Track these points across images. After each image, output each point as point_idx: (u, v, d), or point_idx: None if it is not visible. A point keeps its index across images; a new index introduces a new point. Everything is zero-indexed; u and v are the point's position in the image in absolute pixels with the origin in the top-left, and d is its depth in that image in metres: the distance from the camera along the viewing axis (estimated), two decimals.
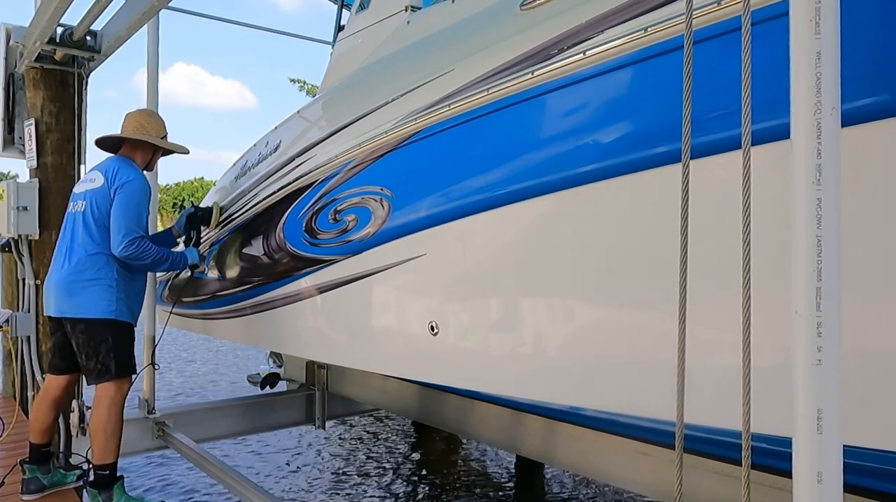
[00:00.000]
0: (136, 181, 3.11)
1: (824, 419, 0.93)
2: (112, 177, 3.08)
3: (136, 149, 3.29)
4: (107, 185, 3.07)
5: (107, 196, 3.05)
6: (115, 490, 3.06)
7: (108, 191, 3.06)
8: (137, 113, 3.39)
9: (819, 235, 0.94)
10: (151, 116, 3.41)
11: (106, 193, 3.06)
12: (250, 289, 3.73)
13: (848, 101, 1.01)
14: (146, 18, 3.50)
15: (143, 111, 3.45)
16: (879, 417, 1.43)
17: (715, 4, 1.56)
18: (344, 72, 3.36)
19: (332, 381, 5.08)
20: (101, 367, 3.02)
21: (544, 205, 2.05)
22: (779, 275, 1.09)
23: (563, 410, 3.03)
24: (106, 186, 3.07)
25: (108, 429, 3.01)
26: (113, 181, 3.07)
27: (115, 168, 3.12)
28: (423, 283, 2.58)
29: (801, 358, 0.95)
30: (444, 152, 2.41)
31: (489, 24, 2.39)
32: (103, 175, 3.11)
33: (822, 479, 0.93)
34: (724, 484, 2.39)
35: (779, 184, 1.08)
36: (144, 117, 3.36)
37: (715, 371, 1.67)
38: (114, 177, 3.08)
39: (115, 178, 3.07)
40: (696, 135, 1.30)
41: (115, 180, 3.07)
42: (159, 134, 3.36)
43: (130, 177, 3.10)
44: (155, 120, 3.39)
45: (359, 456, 6.20)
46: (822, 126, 0.94)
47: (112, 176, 3.08)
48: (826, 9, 0.94)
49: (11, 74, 4.23)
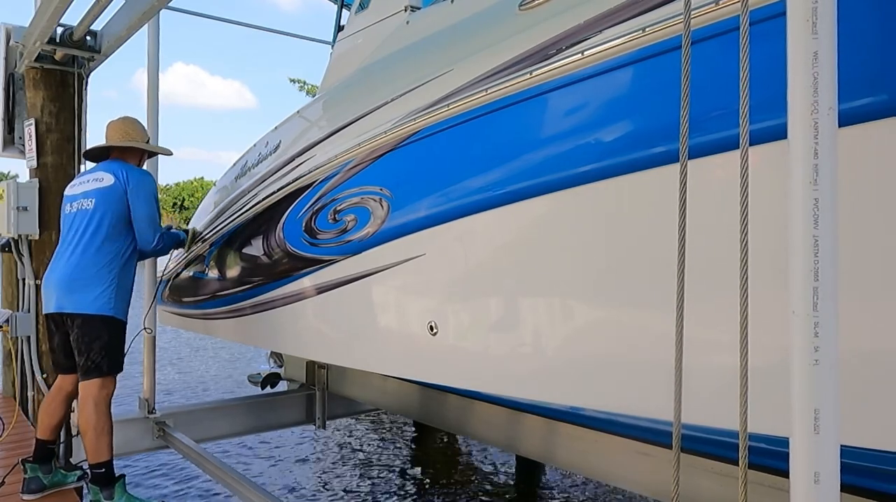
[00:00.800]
0: (149, 178, 3.29)
1: (821, 419, 0.93)
2: (125, 177, 3.15)
3: (125, 156, 3.36)
4: (119, 184, 3.13)
5: (121, 195, 3.12)
6: (116, 488, 3.06)
7: (122, 190, 3.12)
8: (120, 122, 3.43)
9: (816, 235, 0.94)
10: (134, 123, 3.46)
11: (120, 192, 3.12)
12: (250, 289, 3.73)
13: (845, 101, 1.01)
14: (146, 18, 3.51)
15: (124, 119, 3.47)
16: (877, 417, 1.43)
17: (713, 4, 1.57)
18: (344, 72, 3.36)
19: (333, 381, 5.07)
20: (90, 364, 3.04)
21: (543, 205, 2.06)
22: (776, 275, 1.09)
23: (563, 410, 3.02)
24: (118, 185, 3.12)
25: (98, 428, 3.01)
26: (127, 181, 3.14)
27: (123, 169, 3.19)
28: (423, 283, 2.59)
29: (798, 358, 0.95)
30: (443, 152, 2.41)
31: (488, 24, 2.39)
32: (113, 175, 3.15)
33: (819, 479, 0.93)
34: (723, 484, 2.39)
35: (776, 184, 1.08)
36: (128, 125, 3.42)
37: (713, 371, 1.66)
38: (126, 177, 3.15)
39: (129, 178, 3.16)
40: (693, 135, 1.30)
41: (128, 180, 3.15)
42: (144, 139, 3.47)
43: (143, 176, 3.26)
44: (138, 126, 3.47)
45: (359, 455, 6.20)
46: (819, 126, 0.94)
47: (124, 176, 3.15)
48: (823, 9, 0.94)
49: (11, 74, 4.23)
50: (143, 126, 3.54)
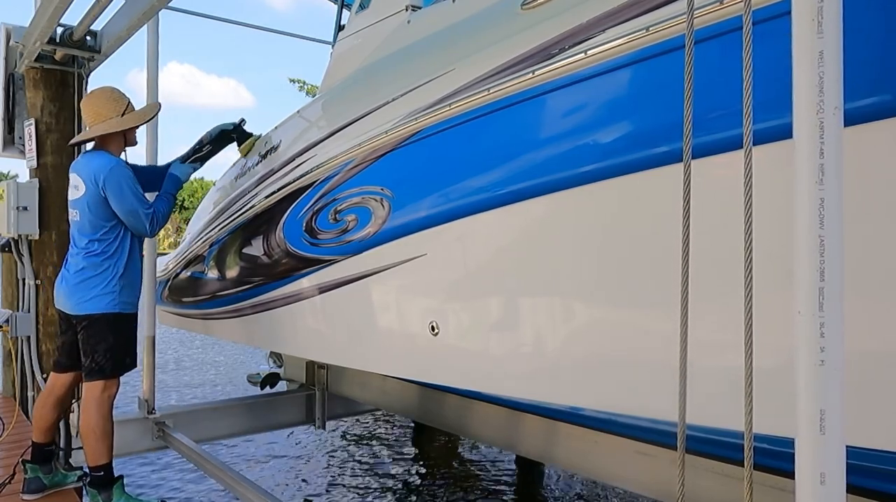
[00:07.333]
0: (111, 169, 3.03)
1: (827, 420, 0.93)
2: (94, 179, 3.01)
3: (105, 138, 3.17)
4: (94, 188, 3.01)
5: (98, 197, 3.01)
6: (114, 490, 3.06)
7: (98, 192, 3.00)
8: (90, 100, 3.20)
9: (822, 235, 0.93)
10: (102, 98, 3.17)
11: (97, 197, 3.01)
12: (250, 289, 3.72)
13: (850, 101, 1.01)
14: (146, 18, 3.50)
15: (93, 95, 3.23)
16: (882, 418, 1.43)
17: (716, 4, 1.56)
18: (344, 71, 3.36)
19: (332, 381, 5.07)
20: (94, 366, 3.03)
21: (545, 205, 2.05)
22: (781, 276, 1.09)
23: (563, 410, 3.02)
24: (93, 189, 3.01)
25: (98, 432, 3.00)
26: (97, 181, 3.00)
27: (92, 171, 3.04)
28: (424, 283, 2.58)
29: (804, 358, 0.94)
30: (444, 152, 2.40)
31: (490, 23, 2.38)
32: (84, 181, 3.04)
33: (825, 480, 0.93)
34: (725, 485, 2.39)
35: (781, 184, 1.07)
36: (99, 102, 3.15)
37: (717, 371, 1.66)
38: (95, 177, 3.01)
39: (97, 178, 3.00)
40: (697, 135, 1.30)
41: (97, 180, 3.00)
42: (118, 112, 3.14)
43: (112, 171, 3.02)
44: (107, 100, 3.16)
45: (358, 455, 6.19)
46: (825, 125, 0.94)
47: (93, 177, 3.01)
48: (828, 8, 0.93)
49: (11, 74, 4.22)
50: (117, 93, 3.20)
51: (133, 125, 3.24)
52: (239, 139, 3.71)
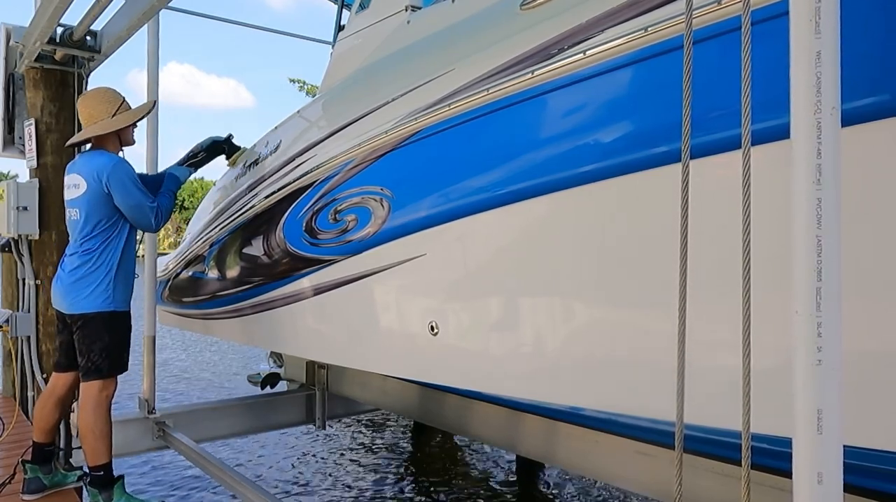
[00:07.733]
0: (114, 165, 3.05)
1: (824, 419, 0.93)
2: (97, 176, 3.01)
3: (102, 138, 3.18)
4: (97, 185, 3.01)
5: (100, 194, 3.02)
6: (115, 489, 3.06)
7: (101, 189, 3.01)
8: (83, 101, 3.23)
9: (819, 235, 0.93)
10: (96, 98, 3.19)
11: (99, 194, 3.02)
12: (250, 289, 3.72)
13: (848, 101, 1.01)
14: (146, 18, 3.50)
15: (86, 96, 3.26)
16: (880, 417, 1.43)
17: (715, 4, 1.56)
18: (344, 72, 3.36)
19: (332, 381, 5.07)
20: (90, 366, 3.03)
21: (545, 205, 2.05)
22: (779, 275, 1.09)
23: (563, 410, 3.02)
24: (96, 186, 3.01)
25: (96, 431, 3.00)
26: (100, 178, 3.01)
27: (94, 168, 3.05)
28: (424, 283, 2.58)
29: (802, 358, 0.95)
30: (444, 152, 2.41)
31: (489, 23, 2.38)
32: (85, 179, 3.05)
33: (823, 480, 0.93)
34: (724, 484, 2.39)
35: (779, 184, 1.08)
36: (92, 103, 3.18)
37: (715, 371, 1.66)
38: (98, 174, 3.02)
39: (101, 175, 3.01)
40: (696, 135, 1.30)
41: (101, 176, 3.01)
42: (109, 113, 3.15)
43: (114, 168, 3.04)
44: (99, 101, 3.18)
45: (359, 455, 6.19)
46: (823, 126, 0.94)
47: (95, 174, 3.02)
48: (826, 8, 0.93)
49: (11, 74, 4.22)
50: (111, 94, 3.21)
51: (123, 125, 3.21)
52: (228, 152, 3.96)
